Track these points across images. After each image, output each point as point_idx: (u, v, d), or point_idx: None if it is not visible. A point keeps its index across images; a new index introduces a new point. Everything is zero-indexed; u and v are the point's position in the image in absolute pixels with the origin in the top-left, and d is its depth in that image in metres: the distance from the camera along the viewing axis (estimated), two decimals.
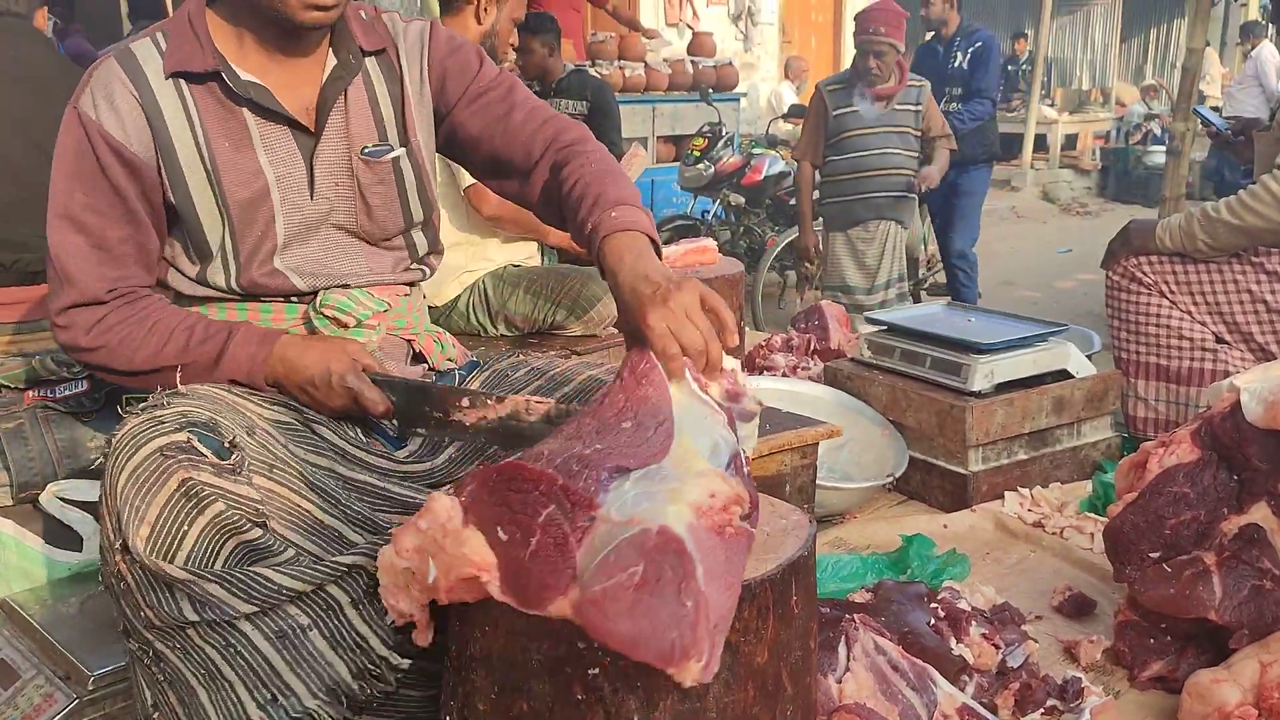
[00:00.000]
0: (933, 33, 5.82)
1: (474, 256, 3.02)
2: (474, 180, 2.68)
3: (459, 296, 3.00)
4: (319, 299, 1.68)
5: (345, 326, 1.68)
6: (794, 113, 7.60)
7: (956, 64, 5.57)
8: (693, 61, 8.08)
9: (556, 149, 1.68)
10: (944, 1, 5.63)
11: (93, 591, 1.91)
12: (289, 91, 1.62)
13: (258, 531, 1.34)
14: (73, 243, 1.56)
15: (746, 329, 3.67)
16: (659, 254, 1.51)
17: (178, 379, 1.54)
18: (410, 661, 1.40)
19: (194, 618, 1.30)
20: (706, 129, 6.77)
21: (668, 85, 7.79)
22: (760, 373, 3.39)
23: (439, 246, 1.85)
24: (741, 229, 6.85)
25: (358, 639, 1.37)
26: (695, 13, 10.17)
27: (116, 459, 1.34)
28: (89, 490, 2.01)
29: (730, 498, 1.25)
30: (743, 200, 6.80)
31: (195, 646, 1.32)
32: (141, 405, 1.41)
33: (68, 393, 2.11)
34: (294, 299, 1.69)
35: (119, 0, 6.38)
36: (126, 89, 1.55)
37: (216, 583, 1.29)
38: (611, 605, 1.12)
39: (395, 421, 1.59)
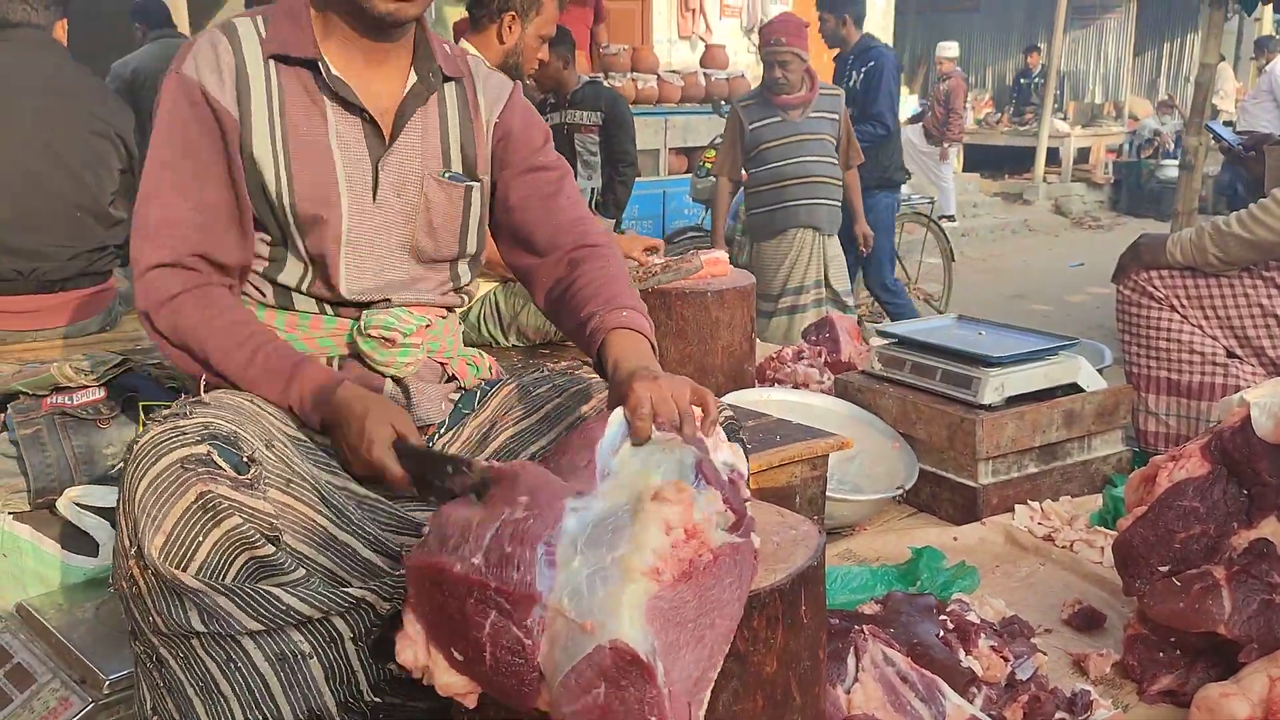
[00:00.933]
0: (836, 49, 5.75)
1: (485, 270, 3.04)
2: None
3: (471, 308, 3.02)
4: (363, 320, 1.69)
5: (392, 344, 1.69)
6: None
7: (852, 83, 5.50)
8: (705, 74, 8.11)
9: (579, 245, 1.76)
10: (835, 19, 5.53)
11: (108, 596, 1.92)
12: (369, 95, 1.66)
13: (270, 548, 1.36)
14: (167, 203, 1.57)
15: (757, 341, 3.68)
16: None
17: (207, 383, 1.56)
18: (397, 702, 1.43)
19: (200, 628, 1.31)
20: (719, 141, 6.78)
21: (680, 97, 7.82)
22: (771, 385, 3.40)
23: (475, 282, 1.88)
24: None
25: (350, 674, 1.40)
26: (708, 25, 10.19)
27: (137, 466, 1.35)
28: (105, 496, 2.02)
29: (693, 524, 1.21)
30: None
31: (197, 658, 1.34)
32: (165, 414, 1.42)
33: (85, 400, 2.13)
34: (329, 311, 1.70)
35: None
36: (227, 54, 1.60)
37: (226, 596, 1.31)
38: None
39: (415, 489, 1.57)
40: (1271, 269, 2.86)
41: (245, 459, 1.38)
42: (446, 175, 1.72)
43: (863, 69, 5.49)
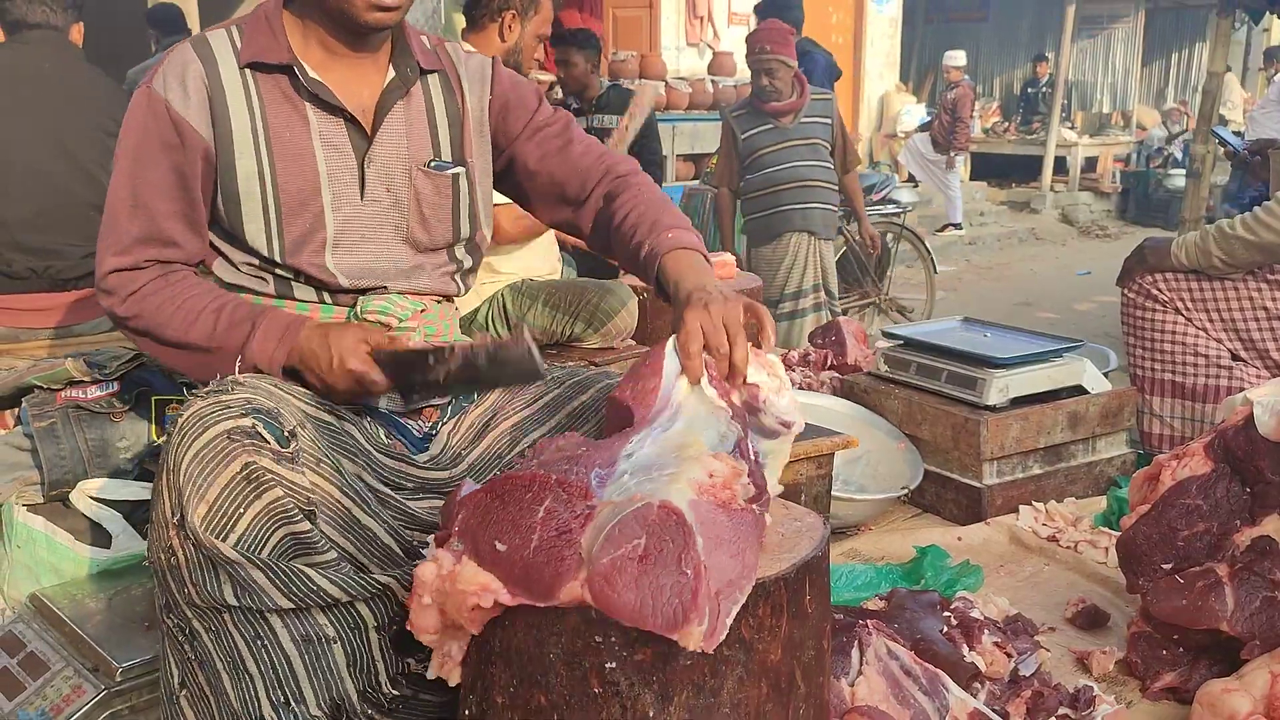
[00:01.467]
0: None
1: (494, 270, 3.06)
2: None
3: (479, 309, 3.05)
4: (360, 305, 1.74)
5: (388, 328, 1.73)
6: None
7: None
8: (713, 81, 8.16)
9: (610, 180, 1.82)
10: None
11: (120, 587, 1.95)
12: (349, 95, 1.70)
13: (306, 525, 1.38)
14: (124, 211, 1.64)
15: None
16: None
17: (205, 369, 1.61)
18: (412, 695, 1.46)
19: (234, 602, 1.34)
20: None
21: (688, 104, 7.86)
22: None
23: (477, 266, 1.91)
24: None
25: (370, 662, 1.42)
26: (716, 32, 10.23)
27: (183, 437, 1.38)
28: (118, 489, 2.05)
29: (729, 475, 1.31)
30: None
31: (227, 632, 1.37)
32: (206, 390, 1.45)
33: (99, 394, 2.15)
34: (328, 299, 1.74)
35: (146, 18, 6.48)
36: (196, 70, 1.64)
37: (262, 571, 1.34)
38: (618, 577, 1.19)
39: (400, 396, 1.66)
40: (1276, 272, 2.87)
41: (287, 433, 1.41)
42: (432, 164, 1.76)
43: None
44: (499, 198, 2.78)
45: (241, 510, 1.35)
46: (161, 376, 2.24)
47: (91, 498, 2.04)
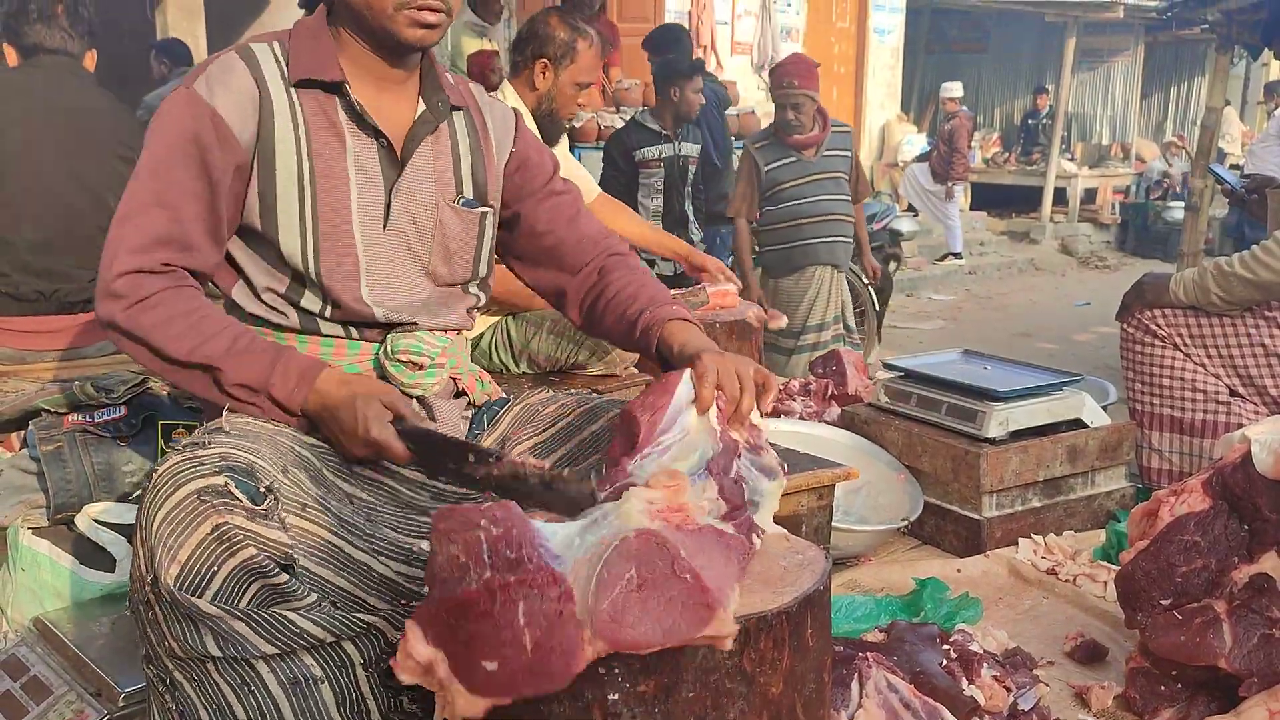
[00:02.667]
0: None
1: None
2: None
3: (483, 335, 3.07)
4: (390, 345, 1.73)
5: (420, 367, 1.73)
6: None
7: None
8: None
9: (606, 256, 1.89)
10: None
11: (123, 611, 1.95)
12: (382, 120, 1.69)
13: (284, 576, 1.37)
14: (147, 209, 1.57)
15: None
16: None
17: (201, 388, 1.57)
18: None
19: (217, 653, 1.33)
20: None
21: None
22: (778, 416, 3.43)
23: (485, 302, 1.93)
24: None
25: (360, 700, 1.41)
26: (719, 62, 10.32)
27: (155, 496, 1.37)
28: (124, 513, 2.06)
29: (668, 498, 1.31)
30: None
31: (212, 681, 1.35)
32: (184, 443, 1.44)
33: (106, 418, 2.17)
34: (355, 335, 1.73)
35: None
36: (245, 78, 1.61)
37: (242, 621, 1.32)
38: (626, 615, 1.19)
39: (422, 470, 1.63)
40: (1274, 309, 2.89)
41: (262, 489, 1.40)
42: (460, 201, 1.76)
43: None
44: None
45: (215, 568, 1.34)
46: (169, 401, 2.26)
47: (97, 521, 2.05)
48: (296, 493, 1.47)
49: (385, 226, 1.70)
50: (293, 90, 1.64)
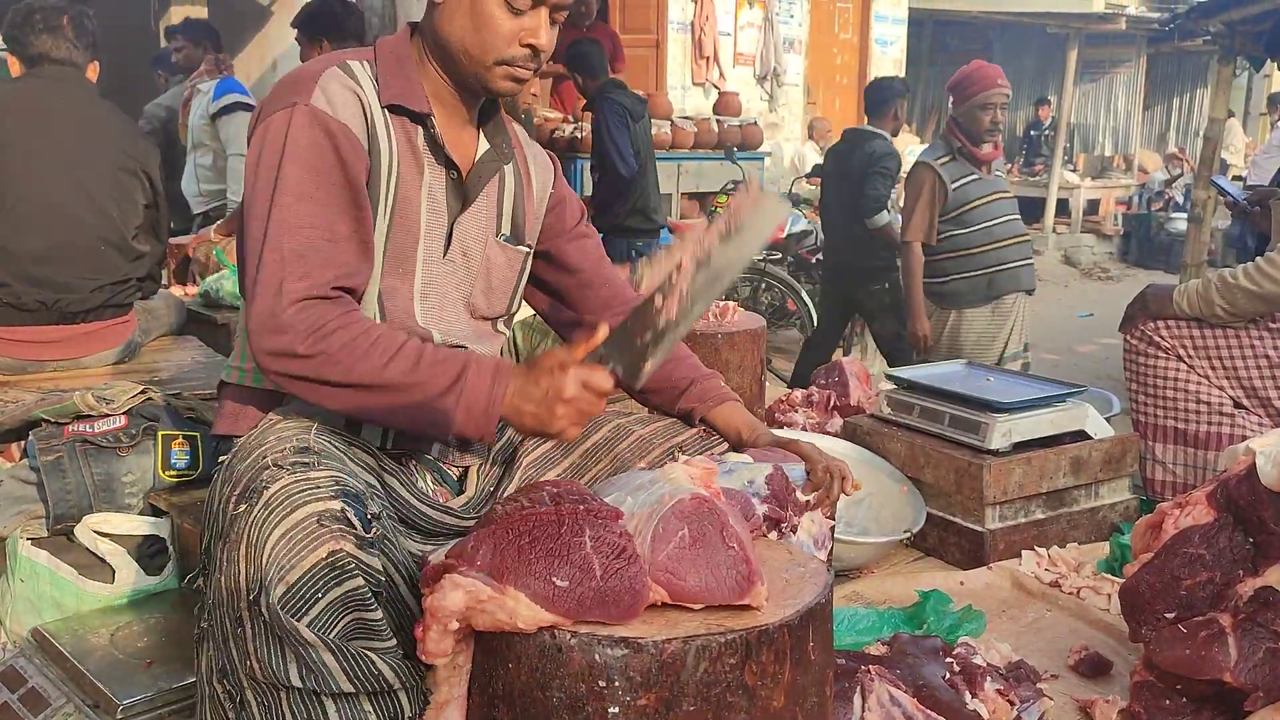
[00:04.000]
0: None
1: None
2: None
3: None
4: None
5: None
6: (816, 173, 7.69)
7: (585, 133, 5.67)
8: (718, 120, 8.21)
9: (621, 299, 1.95)
10: (579, 74, 5.52)
11: (123, 623, 1.95)
12: (454, 154, 1.71)
13: (379, 614, 1.37)
14: (305, 237, 1.53)
15: (767, 384, 3.71)
16: None
17: (390, 409, 1.53)
18: None
19: (298, 683, 1.32)
20: (731, 186, 6.87)
21: (693, 143, 7.91)
22: (780, 427, 3.42)
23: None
24: (763, 285, 6.92)
25: None
26: (722, 73, 10.33)
27: (270, 513, 1.36)
28: (123, 524, 2.06)
29: (704, 480, 1.42)
30: (765, 257, 6.88)
31: (280, 712, 1.35)
32: (289, 462, 1.42)
33: (105, 428, 2.16)
34: None
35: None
36: (355, 93, 1.62)
37: (333, 654, 1.32)
38: (678, 566, 1.32)
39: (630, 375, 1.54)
40: (1278, 320, 2.89)
41: (370, 515, 1.40)
42: (503, 238, 1.79)
43: (592, 117, 5.60)
44: None
45: (320, 595, 1.33)
46: (169, 412, 2.25)
47: (96, 532, 2.04)
48: (387, 525, 1.48)
49: (445, 255, 1.72)
50: (386, 113, 1.65)
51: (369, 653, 1.35)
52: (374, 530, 1.39)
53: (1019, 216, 4.43)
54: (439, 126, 1.68)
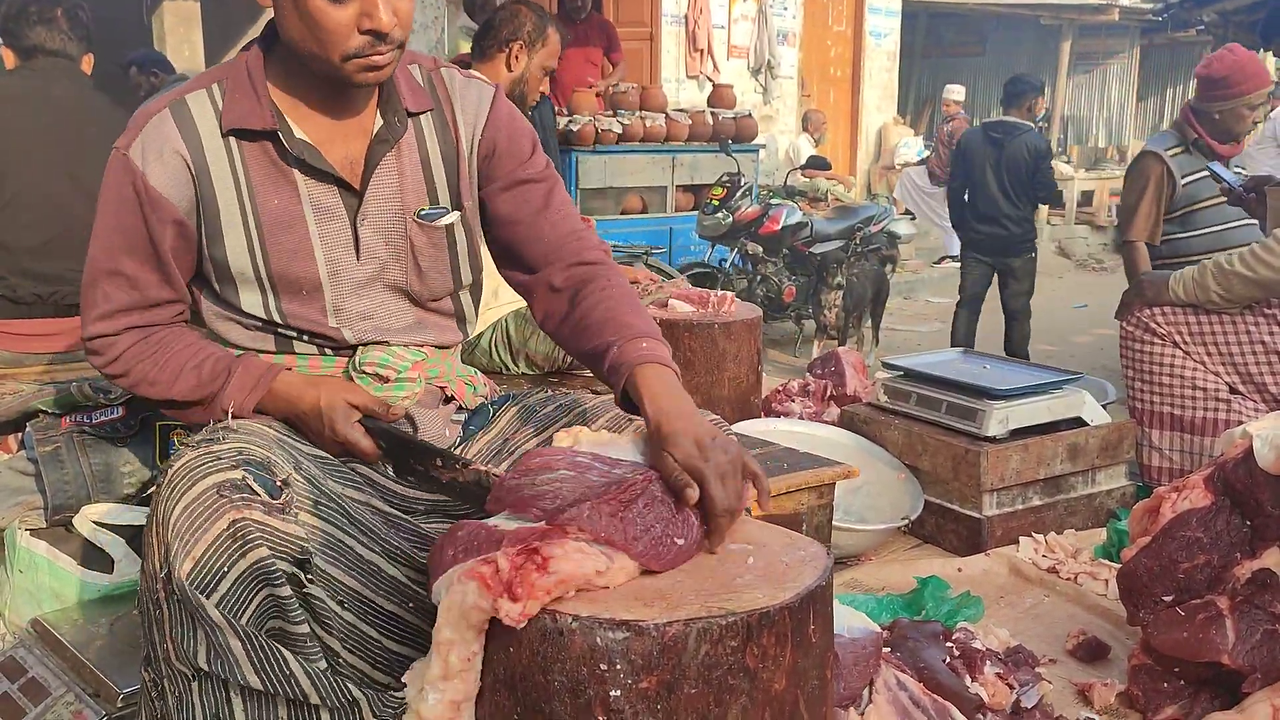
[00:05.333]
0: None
1: (498, 295, 3.08)
2: None
3: (482, 334, 3.06)
4: (358, 357, 1.69)
5: (386, 380, 1.69)
6: (811, 164, 7.73)
7: None
8: (713, 113, 8.19)
9: (576, 266, 1.71)
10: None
11: (122, 612, 1.95)
12: (336, 150, 1.62)
13: (287, 589, 1.35)
14: (103, 276, 1.62)
15: (764, 374, 3.72)
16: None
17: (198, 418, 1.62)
18: None
19: (204, 667, 1.31)
20: (725, 179, 6.85)
21: (688, 136, 7.90)
22: (778, 417, 3.43)
23: (478, 306, 1.87)
24: (758, 278, 6.91)
25: None
26: (716, 65, 10.32)
27: (172, 491, 1.36)
28: (122, 514, 2.05)
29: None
30: (760, 249, 6.87)
31: (190, 703, 1.34)
32: (196, 439, 1.43)
33: (103, 419, 2.16)
34: (329, 352, 1.70)
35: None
36: (175, 144, 1.56)
37: (240, 641, 1.31)
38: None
39: (387, 467, 1.63)
40: (1273, 306, 2.89)
41: (278, 483, 1.39)
42: (421, 214, 1.67)
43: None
44: None
45: (227, 568, 1.32)
46: None
47: (95, 523, 2.03)
48: (310, 489, 1.46)
49: (359, 258, 1.65)
50: (231, 141, 1.58)
51: (282, 650, 1.32)
52: (284, 496, 1.37)
53: (1255, 221, 3.73)
54: (312, 127, 1.60)
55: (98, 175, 2.88)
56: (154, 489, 1.42)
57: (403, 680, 1.39)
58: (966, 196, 6.09)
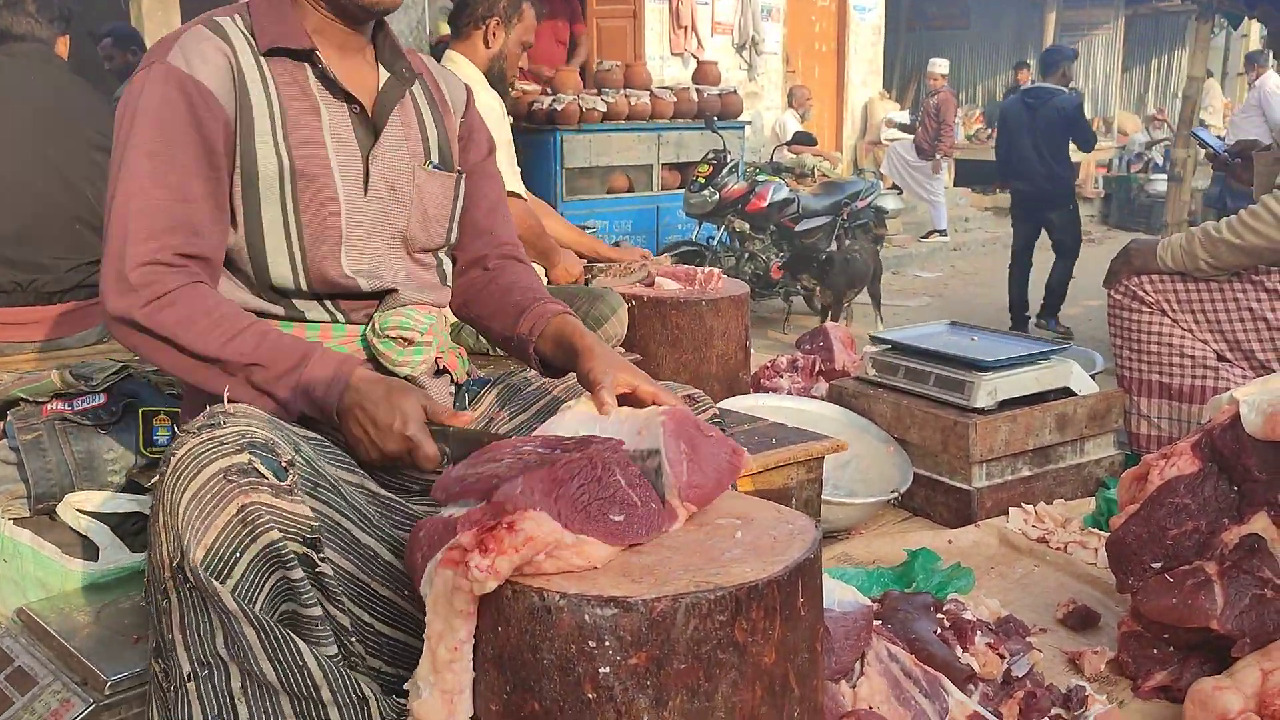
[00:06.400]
0: None
1: None
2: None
3: None
4: (378, 322, 1.69)
5: (410, 343, 1.70)
6: (797, 140, 7.69)
7: None
8: (697, 90, 8.16)
9: (511, 255, 1.89)
10: None
11: (108, 600, 1.93)
12: (352, 86, 1.66)
13: (300, 572, 1.34)
14: (153, 197, 1.51)
15: (752, 351, 3.71)
16: None
17: (226, 385, 1.52)
18: None
19: (224, 654, 1.30)
20: (711, 156, 6.83)
21: (673, 113, 7.87)
22: (765, 393, 3.42)
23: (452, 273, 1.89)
24: (746, 255, 6.90)
25: None
26: (700, 42, 10.26)
27: (178, 479, 1.33)
28: (106, 501, 2.03)
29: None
30: (747, 226, 6.85)
31: (187, 700, 1.33)
32: (197, 424, 1.40)
33: (85, 405, 2.14)
34: (341, 319, 1.70)
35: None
36: (219, 48, 1.57)
37: (255, 630, 1.30)
38: (698, 479, 1.45)
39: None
40: (1260, 273, 2.89)
41: (284, 464, 1.37)
42: (431, 165, 1.73)
43: None
44: (514, 186, 2.81)
45: (238, 554, 1.31)
46: (149, 388, 2.22)
47: (79, 510, 2.02)
48: (310, 472, 1.44)
49: (366, 193, 1.67)
50: (263, 61, 1.60)
51: (295, 639, 1.32)
52: (290, 477, 1.36)
53: None
54: (328, 62, 1.63)
55: (74, 161, 2.89)
56: (156, 478, 1.39)
57: (398, 667, 1.39)
58: (1008, 158, 6.86)
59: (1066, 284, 6.72)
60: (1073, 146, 6.78)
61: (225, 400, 1.50)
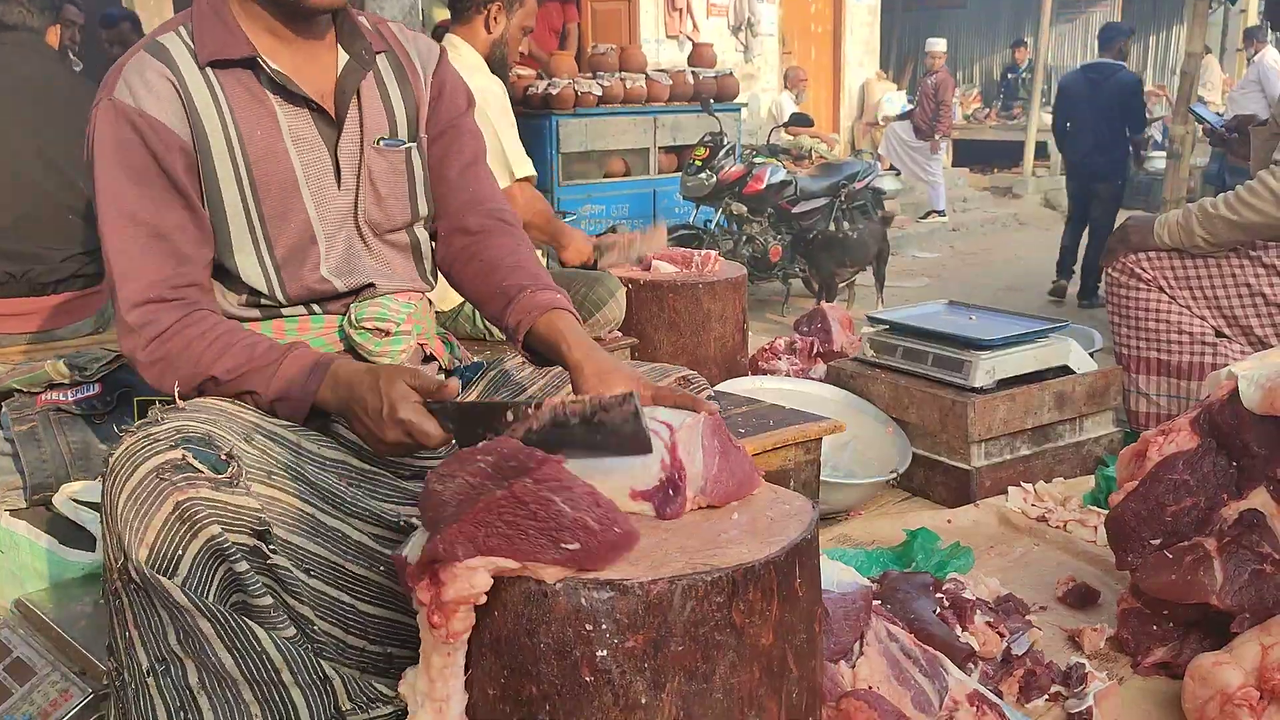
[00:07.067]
0: None
1: None
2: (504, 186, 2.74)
3: (464, 302, 3.03)
4: (354, 314, 1.68)
5: (387, 334, 1.68)
6: (794, 122, 7.65)
7: None
8: (693, 72, 8.13)
9: (495, 216, 1.78)
10: None
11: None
12: (306, 83, 1.62)
13: (244, 564, 1.33)
14: (130, 236, 1.52)
15: (750, 334, 3.70)
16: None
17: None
18: None
19: (177, 650, 1.30)
20: (708, 139, 6.80)
21: (669, 96, 7.84)
22: (763, 375, 3.41)
23: (433, 252, 1.86)
24: (744, 238, 6.88)
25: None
26: (695, 24, 10.22)
27: (114, 480, 1.33)
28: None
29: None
30: (745, 209, 6.83)
31: (149, 696, 1.33)
32: (136, 424, 1.40)
33: (80, 396, 2.14)
34: (317, 310, 1.69)
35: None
36: (162, 74, 1.54)
37: (208, 621, 1.29)
38: (722, 475, 1.46)
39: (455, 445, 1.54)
40: (1258, 249, 2.88)
41: (223, 456, 1.35)
42: (382, 141, 1.69)
43: None
44: (523, 169, 2.62)
45: (180, 552, 1.30)
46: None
47: (75, 501, 2.02)
48: (263, 460, 1.42)
49: (339, 186, 1.65)
50: (210, 74, 1.56)
51: (252, 625, 1.31)
52: (230, 469, 1.34)
53: None
54: (281, 62, 1.60)
55: (68, 152, 2.88)
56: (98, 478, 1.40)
57: (385, 644, 1.39)
58: (1068, 128, 7.16)
59: (1100, 256, 6.70)
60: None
61: (176, 398, 1.49)
